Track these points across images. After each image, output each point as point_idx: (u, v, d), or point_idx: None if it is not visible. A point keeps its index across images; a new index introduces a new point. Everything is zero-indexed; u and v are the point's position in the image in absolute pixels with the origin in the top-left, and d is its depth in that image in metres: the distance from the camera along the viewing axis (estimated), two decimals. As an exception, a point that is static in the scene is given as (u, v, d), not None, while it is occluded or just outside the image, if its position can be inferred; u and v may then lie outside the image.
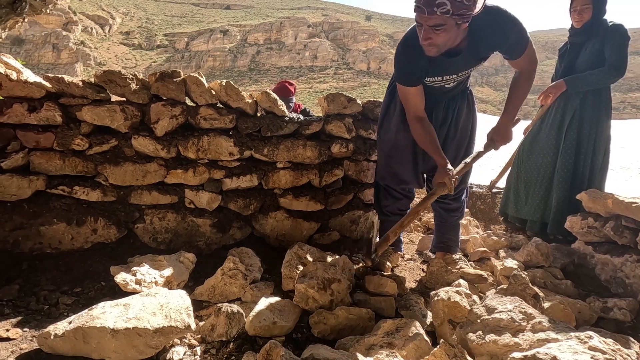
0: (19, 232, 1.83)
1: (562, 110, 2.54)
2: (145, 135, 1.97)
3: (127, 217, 2.00)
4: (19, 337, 1.31)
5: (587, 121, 2.45)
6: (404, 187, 2.10)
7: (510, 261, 2.02)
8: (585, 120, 2.46)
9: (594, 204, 2.05)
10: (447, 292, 1.45)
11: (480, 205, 3.34)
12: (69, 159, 1.90)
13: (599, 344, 0.91)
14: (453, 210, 2.12)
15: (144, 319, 1.21)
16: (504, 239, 2.43)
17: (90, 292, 1.64)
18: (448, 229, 2.17)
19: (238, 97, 2.06)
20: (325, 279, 1.56)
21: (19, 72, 1.88)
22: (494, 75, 65.42)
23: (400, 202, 2.14)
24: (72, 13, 66.60)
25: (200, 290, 1.66)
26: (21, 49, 57.57)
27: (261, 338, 1.36)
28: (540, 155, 2.61)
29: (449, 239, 2.17)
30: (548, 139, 2.58)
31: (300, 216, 2.21)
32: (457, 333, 1.27)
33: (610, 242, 2.02)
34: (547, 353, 0.90)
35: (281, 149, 2.13)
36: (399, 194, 2.12)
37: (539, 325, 1.08)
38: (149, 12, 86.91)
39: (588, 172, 2.46)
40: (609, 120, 2.49)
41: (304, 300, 1.52)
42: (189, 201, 2.06)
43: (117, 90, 1.94)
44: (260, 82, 58.94)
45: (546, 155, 2.57)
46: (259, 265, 1.86)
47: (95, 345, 1.16)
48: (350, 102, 2.26)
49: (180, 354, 1.27)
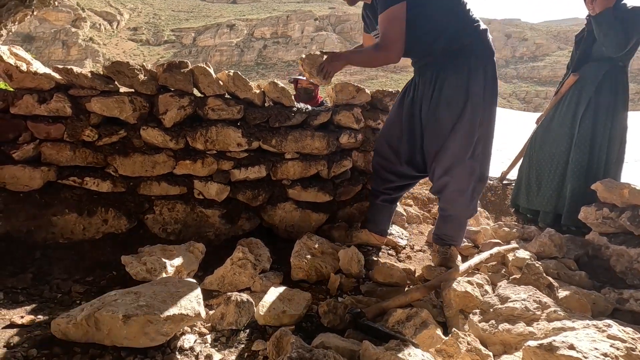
0: (31, 222, 1.86)
1: (576, 98, 2.47)
2: (153, 127, 1.97)
3: (137, 207, 2.01)
4: (33, 323, 1.33)
5: (603, 110, 2.38)
6: (385, 166, 2.05)
7: (523, 252, 1.98)
8: (601, 109, 2.39)
9: (609, 194, 2.00)
10: (459, 282, 1.43)
11: (490, 196, 3.30)
12: (79, 150, 1.92)
13: (618, 333, 0.89)
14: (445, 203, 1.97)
15: (155, 306, 1.21)
16: (515, 230, 2.39)
17: (101, 281, 1.66)
18: (443, 222, 2.04)
19: (246, 88, 2.05)
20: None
21: (28, 64, 1.90)
22: (504, 67, 64.33)
23: (388, 184, 2.07)
24: (81, 9, 67.11)
25: (209, 280, 1.67)
26: (32, 46, 58.27)
27: (271, 327, 1.37)
28: (553, 145, 2.55)
29: (442, 232, 2.03)
30: (561, 128, 2.51)
31: (308, 207, 2.20)
32: (469, 322, 1.25)
33: (626, 233, 1.97)
34: (564, 341, 0.87)
35: (289, 140, 2.11)
36: (385, 173, 2.07)
37: (554, 314, 1.06)
38: (155, 7, 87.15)
39: (603, 163, 2.40)
40: (625, 110, 2.42)
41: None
42: (198, 192, 2.07)
43: (126, 82, 1.94)
44: (267, 77, 58.85)
45: (560, 145, 2.51)
46: (267, 255, 1.85)
47: (107, 332, 1.17)
48: (358, 92, 2.23)
49: (191, 342, 1.27)
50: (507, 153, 6.41)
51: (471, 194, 1.92)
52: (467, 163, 1.84)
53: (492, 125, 1.89)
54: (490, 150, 1.94)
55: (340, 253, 1.83)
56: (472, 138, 1.81)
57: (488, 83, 1.80)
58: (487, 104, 1.82)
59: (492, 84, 1.82)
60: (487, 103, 1.82)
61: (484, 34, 1.83)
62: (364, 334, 1.29)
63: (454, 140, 1.81)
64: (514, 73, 60.81)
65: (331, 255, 1.86)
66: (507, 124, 11.76)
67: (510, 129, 10.03)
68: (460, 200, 1.92)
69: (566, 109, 2.51)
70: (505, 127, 10.93)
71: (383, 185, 2.09)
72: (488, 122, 1.85)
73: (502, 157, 6.38)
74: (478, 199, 2.02)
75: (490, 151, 1.94)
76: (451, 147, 1.82)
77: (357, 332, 1.31)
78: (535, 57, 63.13)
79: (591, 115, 2.39)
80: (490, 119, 1.86)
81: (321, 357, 1.00)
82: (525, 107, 43.41)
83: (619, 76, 2.39)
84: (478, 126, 1.81)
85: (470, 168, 1.85)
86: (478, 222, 2.63)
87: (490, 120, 1.87)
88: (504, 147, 7.08)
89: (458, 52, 1.78)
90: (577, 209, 2.21)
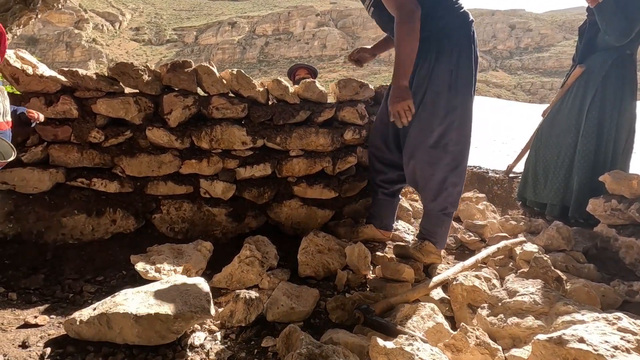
0: (41, 223, 1.88)
1: (583, 89, 2.44)
2: (159, 127, 1.98)
3: (144, 207, 2.03)
4: (47, 323, 1.35)
5: (610, 101, 2.35)
6: (377, 155, 2.03)
7: (530, 245, 1.97)
8: (608, 99, 2.36)
9: (617, 185, 1.98)
10: (466, 276, 1.43)
11: (497, 190, 3.28)
12: (86, 152, 1.93)
13: (629, 325, 0.88)
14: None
15: (165, 305, 1.23)
16: (522, 224, 2.38)
17: (112, 280, 1.68)
18: (424, 217, 1.97)
19: (249, 86, 2.05)
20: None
21: (34, 67, 1.91)
22: (508, 58, 63.53)
23: (381, 175, 2.05)
24: (83, 11, 67.37)
25: (218, 278, 1.68)
26: (36, 48, 58.70)
27: (279, 323, 1.38)
28: (560, 137, 2.52)
29: (421, 225, 1.97)
30: (568, 120, 2.49)
31: (314, 204, 2.20)
32: (477, 317, 1.25)
33: (635, 224, 1.95)
34: (574, 335, 0.87)
35: (294, 137, 2.11)
36: (377, 164, 2.05)
37: (563, 307, 1.06)
38: (157, 7, 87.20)
39: (611, 154, 2.37)
40: (634, 100, 2.38)
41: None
42: (204, 191, 2.08)
43: (130, 82, 1.95)
44: (269, 74, 58.75)
45: (566, 137, 2.48)
46: (274, 252, 1.86)
47: (119, 330, 1.19)
48: (362, 88, 2.22)
49: (201, 339, 1.29)
50: (513, 146, 6.36)
51: (439, 185, 1.80)
52: (428, 151, 1.75)
53: (466, 114, 1.77)
54: (469, 141, 1.82)
55: (347, 249, 1.83)
56: (432, 125, 1.73)
57: (461, 70, 1.70)
58: (459, 92, 1.72)
59: (466, 71, 1.72)
60: (459, 91, 1.71)
61: (463, 17, 1.73)
62: (372, 330, 1.29)
63: (413, 127, 1.75)
64: (518, 64, 60.05)
65: (338, 251, 1.87)
66: (512, 116, 11.65)
67: (515, 122, 9.93)
68: (426, 190, 1.83)
69: (572, 101, 2.48)
70: (511, 119, 10.83)
71: (378, 177, 2.07)
72: (462, 110, 1.74)
73: (508, 150, 6.34)
74: (454, 192, 1.85)
75: (468, 141, 1.82)
76: (411, 134, 1.77)
77: (365, 328, 1.32)
78: (541, 47, 62.28)
79: (598, 106, 2.36)
80: (464, 107, 1.75)
81: (330, 353, 1.00)
82: (530, 99, 42.92)
83: (627, 65, 2.35)
84: (444, 114, 1.72)
85: (431, 157, 1.76)
86: (485, 215, 2.62)
87: (464, 109, 1.75)
88: (510, 140, 7.02)
89: (429, 35, 1.69)
90: (585, 202, 2.19)
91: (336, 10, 74.26)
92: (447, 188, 1.81)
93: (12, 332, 1.29)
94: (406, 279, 1.71)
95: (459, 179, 1.84)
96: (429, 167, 1.79)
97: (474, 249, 2.17)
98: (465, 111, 1.77)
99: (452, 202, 1.86)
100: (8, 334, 1.28)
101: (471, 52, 1.74)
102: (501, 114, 4.08)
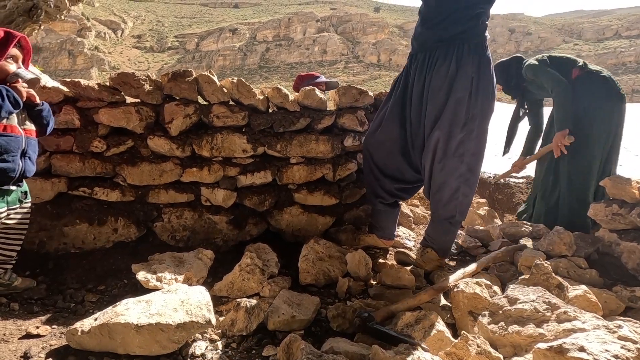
0: (43, 233, 1.89)
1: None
2: (160, 135, 2.00)
3: (145, 216, 2.04)
4: (48, 333, 1.36)
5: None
6: (382, 169, 1.97)
7: (531, 251, 1.97)
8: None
9: (618, 190, 1.98)
10: (467, 283, 1.43)
11: (497, 195, 3.27)
12: (88, 161, 1.95)
13: (629, 334, 0.88)
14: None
15: (166, 314, 1.23)
16: (524, 229, 2.37)
17: (113, 289, 1.69)
18: (430, 224, 1.97)
19: (249, 94, 2.07)
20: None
21: (37, 78, 1.93)
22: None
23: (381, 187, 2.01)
24: (86, 19, 68.08)
25: (219, 286, 1.68)
26: (39, 56, 59.26)
27: (280, 332, 1.38)
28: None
29: (426, 231, 1.99)
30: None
31: (315, 211, 2.21)
32: (478, 324, 1.25)
33: (637, 229, 1.95)
34: (574, 343, 0.87)
35: (294, 144, 2.12)
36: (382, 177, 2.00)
37: (564, 315, 1.06)
38: (159, 14, 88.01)
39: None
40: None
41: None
42: (205, 199, 2.09)
43: (132, 92, 1.97)
44: (270, 80, 59.06)
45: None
46: (275, 260, 1.87)
47: (120, 340, 1.20)
48: (361, 95, 2.23)
49: (202, 349, 1.29)
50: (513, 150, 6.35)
51: (450, 194, 1.77)
52: (445, 159, 1.73)
53: (484, 125, 1.72)
54: (483, 152, 1.79)
55: (348, 256, 1.83)
56: (453, 132, 1.69)
57: (482, 79, 1.68)
58: (478, 101, 1.68)
59: (485, 80, 1.68)
60: (478, 100, 1.68)
61: (483, 26, 1.71)
62: (374, 338, 1.29)
63: (433, 132, 1.72)
64: (519, 68, 60.01)
65: (339, 258, 1.87)
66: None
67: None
68: (437, 197, 1.81)
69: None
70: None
71: (378, 189, 1.99)
72: (480, 120, 1.70)
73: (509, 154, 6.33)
74: (465, 202, 1.82)
75: (483, 153, 1.79)
76: (432, 138, 1.74)
77: (366, 336, 1.32)
78: (540, 51, 62.33)
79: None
80: (482, 117, 1.70)
81: (331, 363, 1.00)
82: (531, 102, 42.75)
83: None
84: (464, 123, 1.67)
85: (447, 165, 1.73)
86: (486, 221, 2.62)
87: (484, 116, 1.71)
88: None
89: (450, 40, 1.67)
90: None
91: (336, 16, 74.76)
92: (458, 197, 1.79)
93: (14, 342, 1.30)
94: (407, 285, 1.71)
95: (470, 189, 1.81)
96: (444, 175, 1.76)
97: (475, 255, 2.16)
98: (483, 121, 1.72)
99: (461, 211, 1.84)
100: (10, 345, 1.28)
101: (490, 60, 1.72)
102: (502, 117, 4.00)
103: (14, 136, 1.44)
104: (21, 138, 1.47)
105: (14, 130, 1.44)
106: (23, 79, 1.45)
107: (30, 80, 1.48)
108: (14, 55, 1.47)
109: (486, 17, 1.73)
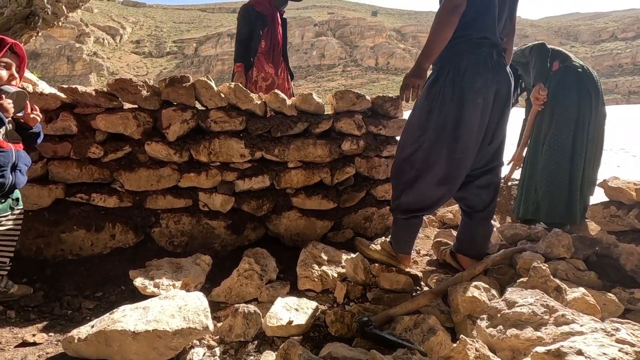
0: (41, 239, 1.89)
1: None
2: (157, 141, 2.00)
3: (143, 221, 2.04)
4: (45, 341, 1.35)
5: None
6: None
7: (530, 253, 1.97)
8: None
9: (615, 191, 1.98)
10: (466, 287, 1.42)
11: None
12: (85, 167, 1.95)
13: (627, 336, 0.88)
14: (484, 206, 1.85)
15: (163, 321, 1.22)
16: (522, 231, 2.37)
17: (111, 296, 1.68)
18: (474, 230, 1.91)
19: (247, 99, 2.07)
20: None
21: (34, 85, 1.94)
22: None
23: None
24: (84, 25, 68.28)
25: (217, 292, 1.68)
26: (37, 62, 59.36)
27: (279, 338, 1.37)
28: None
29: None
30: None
31: (313, 215, 2.20)
32: (477, 328, 1.25)
33: (635, 230, 1.95)
34: (572, 347, 0.87)
35: (292, 149, 2.13)
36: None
37: (562, 318, 1.05)
38: (157, 20, 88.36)
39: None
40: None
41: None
42: (203, 204, 2.09)
43: (129, 98, 1.97)
44: (269, 84, 59.03)
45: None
46: (274, 265, 1.86)
47: (117, 348, 1.19)
48: (359, 99, 2.24)
49: (200, 355, 1.28)
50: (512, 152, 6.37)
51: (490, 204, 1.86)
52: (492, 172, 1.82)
53: (504, 130, 1.78)
54: (502, 161, 1.84)
55: (346, 261, 1.83)
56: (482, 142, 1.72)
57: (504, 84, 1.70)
58: (501, 106, 1.71)
59: (507, 85, 1.71)
60: (501, 105, 1.71)
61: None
62: (372, 343, 1.28)
63: (498, 137, 1.80)
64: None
65: (337, 263, 1.87)
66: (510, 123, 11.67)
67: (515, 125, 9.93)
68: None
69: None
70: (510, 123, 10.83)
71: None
72: (502, 125, 1.75)
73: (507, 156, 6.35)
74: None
75: (502, 161, 1.85)
76: (498, 140, 1.81)
77: (365, 341, 1.31)
78: (537, 53, 62.56)
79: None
80: (504, 121, 1.75)
81: (329, 368, 1.00)
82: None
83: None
84: (488, 129, 1.70)
85: (487, 180, 1.81)
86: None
87: (504, 123, 1.75)
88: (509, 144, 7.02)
89: (479, 43, 1.67)
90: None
91: (334, 20, 75.15)
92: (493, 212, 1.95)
93: (10, 351, 1.29)
94: (405, 289, 1.70)
95: (495, 201, 1.93)
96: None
97: (474, 258, 2.15)
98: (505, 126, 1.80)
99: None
100: (6, 353, 1.27)
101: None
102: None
103: (4, 151, 1.43)
104: (11, 152, 1.46)
105: (2, 145, 1.43)
106: (6, 95, 1.39)
107: (16, 94, 1.41)
108: (6, 62, 1.46)
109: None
